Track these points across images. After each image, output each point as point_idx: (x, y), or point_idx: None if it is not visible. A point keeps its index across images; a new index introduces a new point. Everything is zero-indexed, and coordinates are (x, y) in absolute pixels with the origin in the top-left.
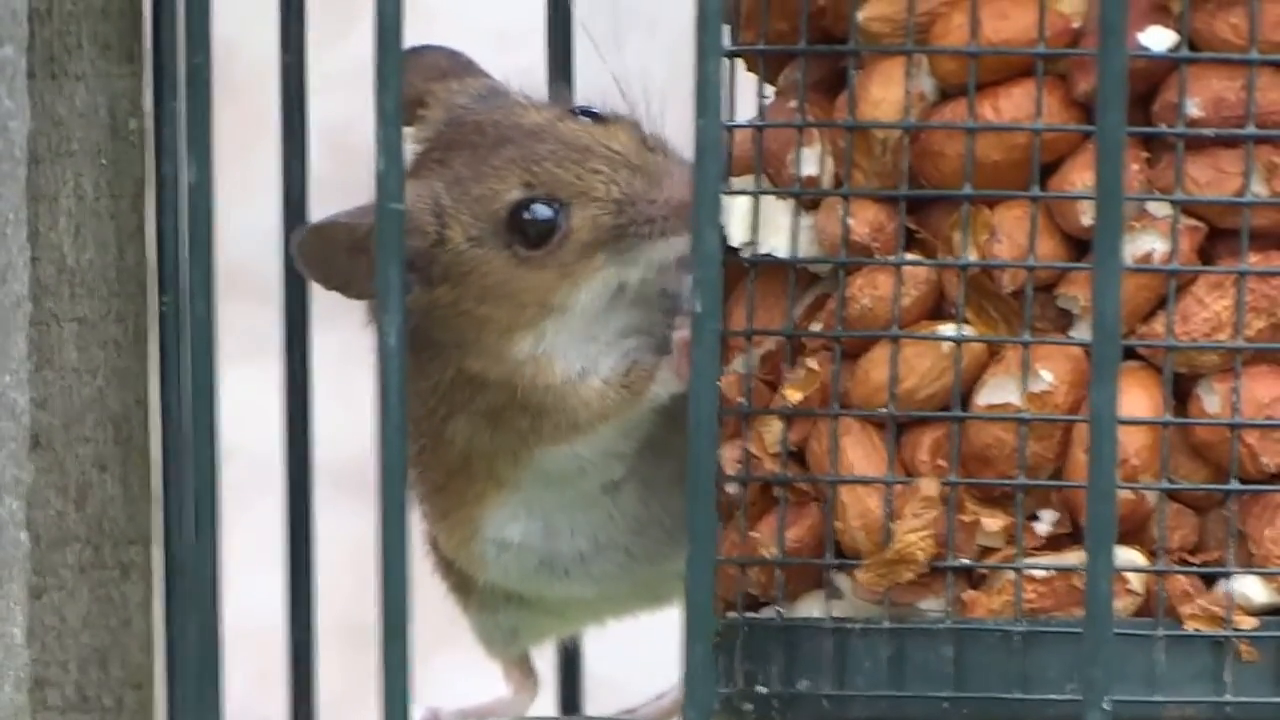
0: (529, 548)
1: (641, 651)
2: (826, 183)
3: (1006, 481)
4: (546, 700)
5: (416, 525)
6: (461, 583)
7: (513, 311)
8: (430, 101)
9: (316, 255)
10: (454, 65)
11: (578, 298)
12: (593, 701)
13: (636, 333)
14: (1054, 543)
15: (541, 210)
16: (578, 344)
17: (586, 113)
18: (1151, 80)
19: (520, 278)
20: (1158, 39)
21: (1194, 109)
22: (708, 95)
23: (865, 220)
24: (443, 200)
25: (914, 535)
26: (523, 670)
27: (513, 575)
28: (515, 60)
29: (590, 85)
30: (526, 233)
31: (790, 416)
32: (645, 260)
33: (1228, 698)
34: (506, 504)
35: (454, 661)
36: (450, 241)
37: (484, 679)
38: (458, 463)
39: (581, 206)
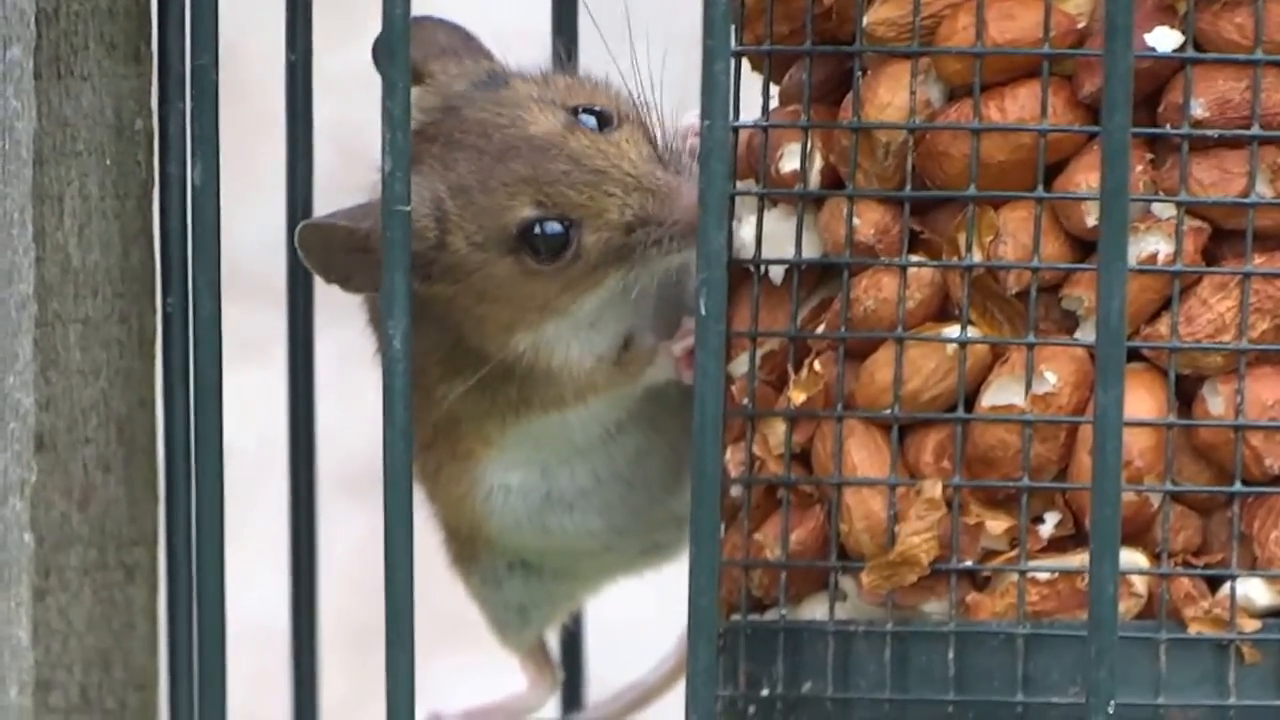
0: (531, 488)
1: (643, 652)
2: (812, 180)
3: (1011, 483)
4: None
5: (421, 526)
6: (465, 551)
7: (515, 313)
8: (428, 80)
9: (316, 251)
10: (455, 42)
11: (582, 304)
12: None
13: (636, 317)
14: (1057, 545)
15: (553, 228)
16: (575, 333)
17: (590, 111)
18: (1156, 81)
19: (525, 285)
20: (1163, 39)
21: (1199, 110)
22: (715, 97)
23: (870, 221)
24: (445, 205)
25: (918, 537)
26: (539, 662)
27: (520, 516)
28: (521, 60)
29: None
30: (536, 248)
31: (794, 418)
32: (652, 271)
33: (1231, 700)
34: (499, 458)
35: (454, 664)
36: (452, 245)
37: (484, 681)
38: (445, 421)
39: (593, 229)
